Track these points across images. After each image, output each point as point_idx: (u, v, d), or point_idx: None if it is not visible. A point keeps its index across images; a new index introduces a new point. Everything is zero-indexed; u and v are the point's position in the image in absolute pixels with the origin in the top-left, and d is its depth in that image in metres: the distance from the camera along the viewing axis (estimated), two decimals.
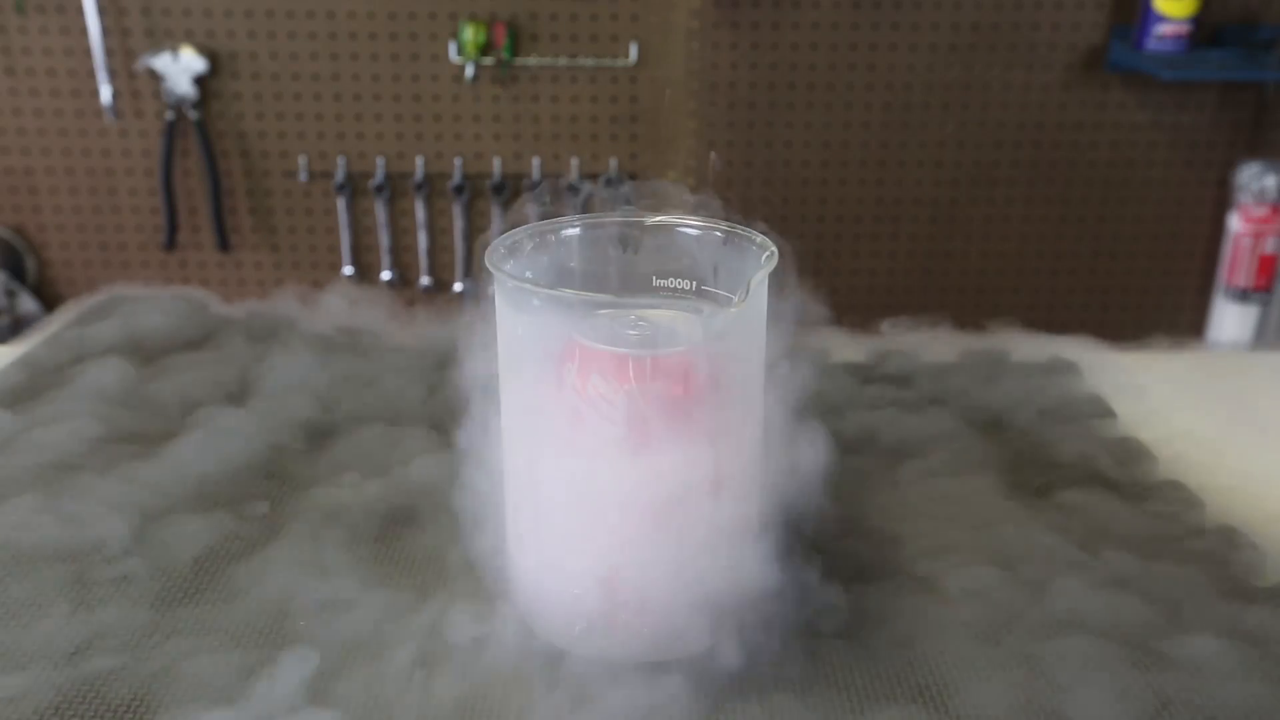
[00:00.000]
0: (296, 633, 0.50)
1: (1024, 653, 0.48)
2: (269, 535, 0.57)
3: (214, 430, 0.66)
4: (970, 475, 0.64)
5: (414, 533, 0.58)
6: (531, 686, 0.46)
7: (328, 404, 0.71)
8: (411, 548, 0.57)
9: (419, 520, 0.59)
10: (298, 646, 0.48)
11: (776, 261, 0.45)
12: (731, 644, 0.47)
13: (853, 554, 0.56)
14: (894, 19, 1.89)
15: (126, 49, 1.87)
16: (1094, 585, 0.52)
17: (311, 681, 0.46)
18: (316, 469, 0.64)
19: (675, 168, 1.98)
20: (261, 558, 0.55)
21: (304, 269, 2.04)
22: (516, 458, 0.47)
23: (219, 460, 0.63)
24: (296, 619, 0.50)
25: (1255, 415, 0.75)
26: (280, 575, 0.53)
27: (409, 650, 0.48)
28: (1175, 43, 1.83)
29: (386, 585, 0.53)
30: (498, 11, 1.87)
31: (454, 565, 0.54)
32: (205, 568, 0.54)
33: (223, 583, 0.53)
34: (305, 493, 0.61)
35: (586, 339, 0.43)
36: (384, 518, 0.59)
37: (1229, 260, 1.97)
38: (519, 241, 0.48)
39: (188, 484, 0.60)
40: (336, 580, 0.53)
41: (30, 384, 0.73)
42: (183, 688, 0.46)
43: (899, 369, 0.79)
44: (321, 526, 0.57)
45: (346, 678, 0.47)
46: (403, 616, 0.50)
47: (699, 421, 0.44)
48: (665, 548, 0.45)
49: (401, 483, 0.62)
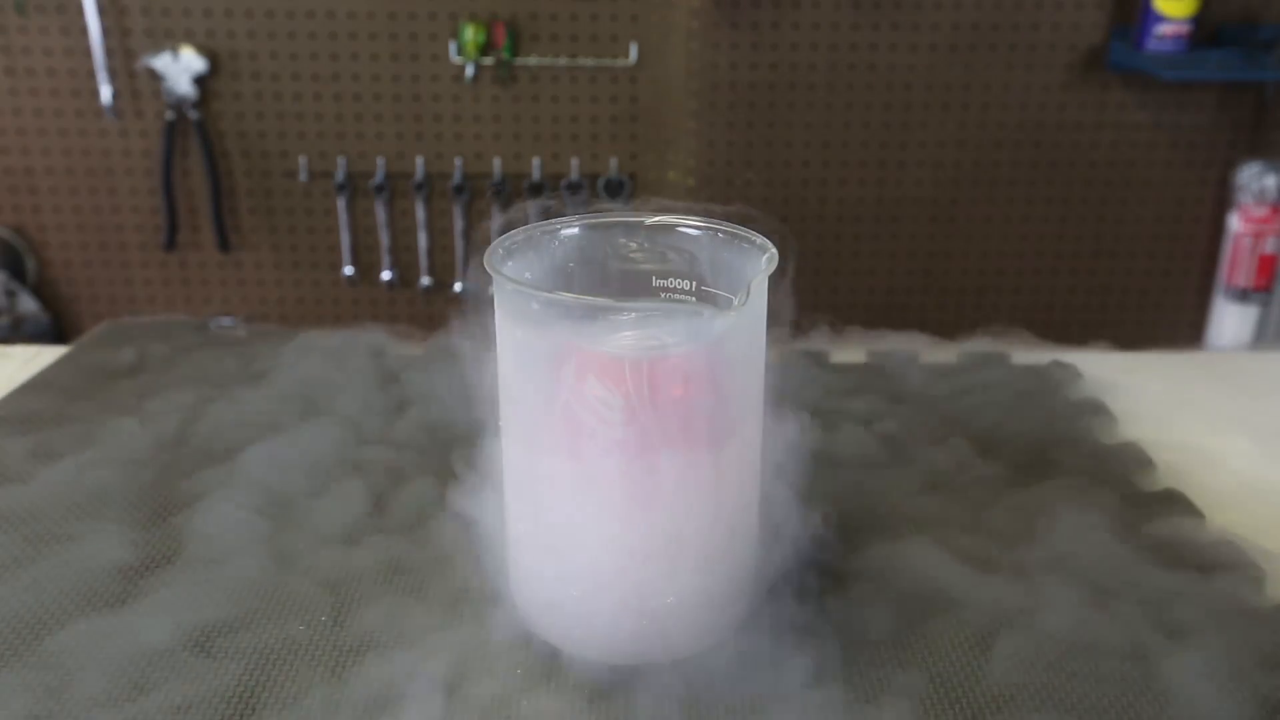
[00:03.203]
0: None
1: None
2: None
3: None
4: (964, 476, 0.64)
5: (413, 534, 0.58)
6: (532, 688, 0.46)
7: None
8: (411, 548, 0.57)
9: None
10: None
11: (776, 262, 0.45)
12: (732, 644, 0.47)
13: (849, 553, 0.56)
14: (894, 19, 1.89)
15: (126, 49, 1.87)
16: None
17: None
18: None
19: (675, 168, 1.98)
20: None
21: (304, 269, 2.04)
22: (516, 461, 0.47)
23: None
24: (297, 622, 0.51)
25: (1255, 416, 0.75)
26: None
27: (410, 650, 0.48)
28: (1175, 43, 1.83)
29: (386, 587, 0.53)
30: (498, 11, 1.87)
31: (454, 566, 0.54)
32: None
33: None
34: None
35: (585, 342, 0.43)
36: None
37: (1229, 260, 1.97)
38: (519, 242, 0.48)
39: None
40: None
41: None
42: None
43: (895, 371, 0.79)
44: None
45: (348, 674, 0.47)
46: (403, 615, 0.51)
47: (698, 424, 0.44)
48: (665, 550, 0.45)
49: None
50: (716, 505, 0.45)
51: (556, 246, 0.50)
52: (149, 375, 0.78)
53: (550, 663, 0.48)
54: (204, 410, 0.71)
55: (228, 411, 0.71)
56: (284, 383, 0.74)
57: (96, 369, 0.79)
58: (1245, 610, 0.51)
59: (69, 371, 0.78)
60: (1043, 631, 0.49)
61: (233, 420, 0.70)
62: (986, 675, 0.47)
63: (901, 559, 0.55)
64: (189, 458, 0.65)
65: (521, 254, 0.48)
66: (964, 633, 0.50)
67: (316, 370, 0.76)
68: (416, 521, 0.59)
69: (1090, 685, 0.46)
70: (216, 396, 0.73)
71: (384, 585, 0.53)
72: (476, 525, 0.53)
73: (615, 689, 0.46)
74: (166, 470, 0.64)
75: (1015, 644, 0.48)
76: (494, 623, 0.50)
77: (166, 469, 0.64)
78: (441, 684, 0.46)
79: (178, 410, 0.71)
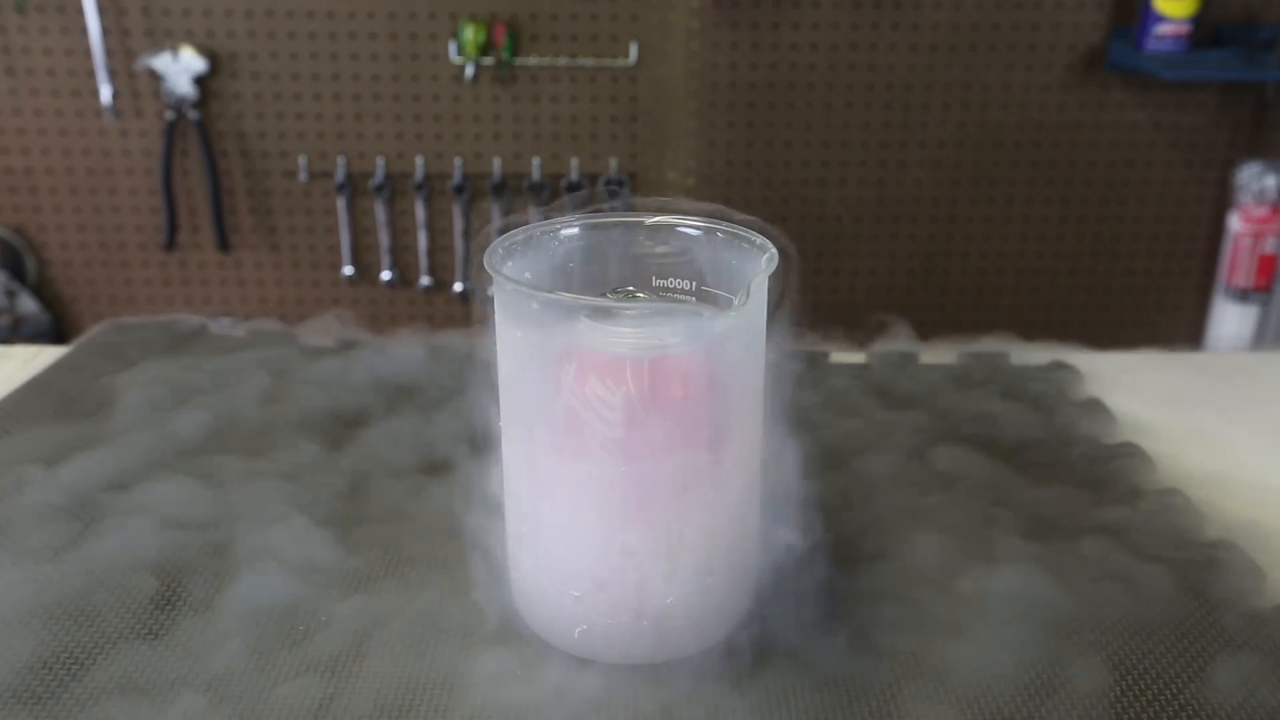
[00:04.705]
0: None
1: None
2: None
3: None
4: (964, 477, 0.64)
5: (412, 531, 0.58)
6: (532, 689, 0.46)
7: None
8: (410, 548, 0.57)
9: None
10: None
11: (777, 263, 0.45)
12: (732, 644, 0.47)
13: (850, 554, 0.56)
14: (894, 19, 1.89)
15: (126, 49, 1.87)
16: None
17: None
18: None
19: (675, 168, 1.98)
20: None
21: (304, 269, 2.04)
22: (516, 460, 0.47)
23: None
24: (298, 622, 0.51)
25: (1255, 416, 0.75)
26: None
27: (407, 650, 0.48)
28: (1175, 43, 1.83)
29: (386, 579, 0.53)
30: (498, 11, 1.87)
31: (453, 566, 0.54)
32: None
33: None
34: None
35: (585, 341, 0.43)
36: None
37: (1229, 260, 1.97)
38: (518, 242, 0.48)
39: None
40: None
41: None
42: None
43: (895, 371, 0.79)
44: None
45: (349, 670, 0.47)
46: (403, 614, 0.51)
47: (698, 424, 0.44)
48: (665, 550, 0.45)
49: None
50: (716, 506, 0.45)
51: (556, 246, 0.50)
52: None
53: (550, 663, 0.47)
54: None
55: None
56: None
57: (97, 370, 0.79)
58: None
59: (69, 371, 0.78)
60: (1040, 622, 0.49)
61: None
62: (987, 674, 0.47)
63: (902, 558, 0.55)
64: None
65: (521, 254, 0.48)
66: (956, 630, 0.50)
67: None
68: (412, 517, 0.59)
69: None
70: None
71: (383, 583, 0.53)
72: (476, 525, 0.53)
73: (615, 689, 0.46)
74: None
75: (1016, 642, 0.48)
76: (494, 622, 0.50)
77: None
78: (441, 684, 0.46)
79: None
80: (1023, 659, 0.48)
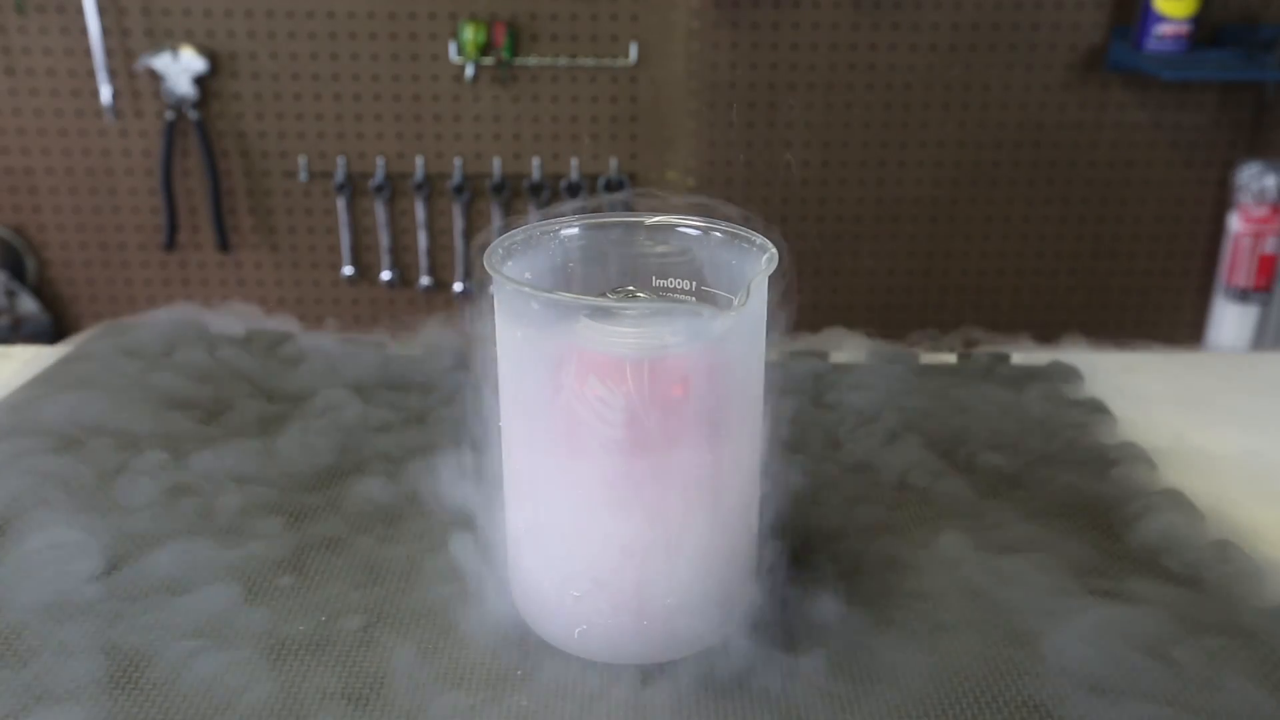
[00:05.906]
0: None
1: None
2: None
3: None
4: (964, 476, 0.64)
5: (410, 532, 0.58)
6: (532, 689, 0.46)
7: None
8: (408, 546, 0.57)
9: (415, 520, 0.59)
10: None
11: (777, 263, 0.45)
12: (731, 644, 0.47)
13: (849, 554, 0.56)
14: (894, 19, 1.89)
15: (126, 49, 1.87)
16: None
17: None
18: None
19: (675, 168, 1.98)
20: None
21: (304, 269, 2.04)
22: (516, 460, 0.47)
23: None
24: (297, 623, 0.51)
25: (1255, 416, 0.75)
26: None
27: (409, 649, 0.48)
28: (1175, 43, 1.83)
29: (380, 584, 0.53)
30: (498, 11, 1.87)
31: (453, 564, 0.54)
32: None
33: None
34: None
35: (585, 341, 0.43)
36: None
37: (1229, 260, 1.97)
38: (518, 242, 0.48)
39: None
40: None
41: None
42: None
43: (894, 370, 0.79)
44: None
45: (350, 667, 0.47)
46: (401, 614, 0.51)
47: (698, 424, 0.44)
48: (665, 550, 0.45)
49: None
50: (716, 505, 0.45)
51: (556, 246, 0.50)
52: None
53: (549, 663, 0.47)
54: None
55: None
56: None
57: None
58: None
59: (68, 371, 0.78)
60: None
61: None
62: (988, 671, 0.47)
63: (901, 558, 0.55)
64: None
65: (521, 254, 0.48)
66: (954, 635, 0.50)
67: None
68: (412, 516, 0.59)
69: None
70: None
71: (382, 582, 0.54)
72: (476, 525, 0.53)
73: (616, 690, 0.46)
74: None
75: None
76: (494, 623, 0.50)
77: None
78: (441, 684, 0.46)
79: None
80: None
